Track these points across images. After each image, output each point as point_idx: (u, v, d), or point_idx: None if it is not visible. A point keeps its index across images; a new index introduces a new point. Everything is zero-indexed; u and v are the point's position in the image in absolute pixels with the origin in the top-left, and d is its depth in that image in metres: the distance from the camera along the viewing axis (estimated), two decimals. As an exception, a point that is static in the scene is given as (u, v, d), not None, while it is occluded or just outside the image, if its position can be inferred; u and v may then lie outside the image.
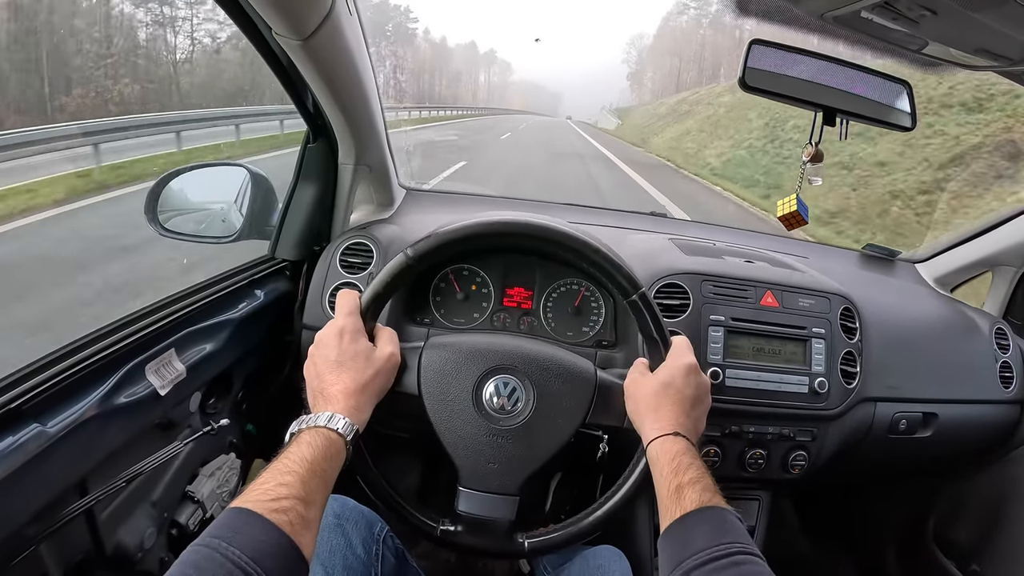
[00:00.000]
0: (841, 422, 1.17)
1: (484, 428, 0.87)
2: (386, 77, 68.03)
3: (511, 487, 0.88)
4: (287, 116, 10.14)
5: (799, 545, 1.79)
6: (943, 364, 1.30)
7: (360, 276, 1.20)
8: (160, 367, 0.94)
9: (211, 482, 1.13)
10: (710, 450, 1.14)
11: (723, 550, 0.66)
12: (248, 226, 1.26)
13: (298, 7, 0.82)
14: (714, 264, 1.20)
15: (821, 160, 1.04)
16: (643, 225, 1.58)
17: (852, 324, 1.19)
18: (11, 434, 0.72)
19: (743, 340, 1.13)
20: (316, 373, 0.82)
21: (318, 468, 0.68)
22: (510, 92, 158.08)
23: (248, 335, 1.16)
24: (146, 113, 11.93)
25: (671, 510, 0.74)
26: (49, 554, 0.80)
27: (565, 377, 0.90)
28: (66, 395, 0.80)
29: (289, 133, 10.20)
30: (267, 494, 0.62)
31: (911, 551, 1.57)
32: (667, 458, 0.78)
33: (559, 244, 0.90)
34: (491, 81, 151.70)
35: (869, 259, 1.64)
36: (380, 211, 1.42)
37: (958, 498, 1.49)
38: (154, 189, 1.20)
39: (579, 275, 1.21)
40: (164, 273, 3.94)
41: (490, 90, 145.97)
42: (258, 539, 0.58)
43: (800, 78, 0.95)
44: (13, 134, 5.97)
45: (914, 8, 0.68)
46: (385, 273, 0.87)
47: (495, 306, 1.21)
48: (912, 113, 0.99)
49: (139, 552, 0.96)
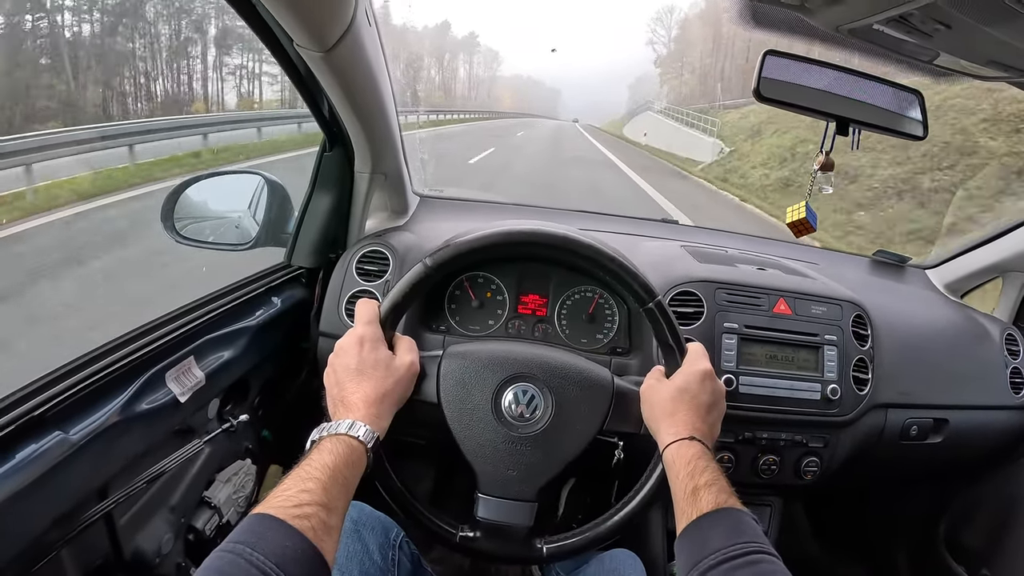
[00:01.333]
0: (853, 428, 1.17)
1: (503, 435, 0.88)
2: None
3: (530, 493, 0.88)
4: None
5: (811, 550, 1.79)
6: (954, 370, 1.30)
7: (376, 284, 1.21)
8: (180, 374, 0.96)
9: (227, 488, 1.14)
10: (723, 456, 1.14)
11: (739, 549, 0.67)
12: (264, 233, 1.28)
13: (321, 20, 0.83)
14: (727, 272, 1.21)
15: (832, 169, 1.04)
16: (655, 232, 1.59)
17: (864, 331, 1.19)
18: (34, 441, 0.73)
19: (756, 347, 1.13)
20: (336, 381, 0.83)
21: (340, 475, 0.69)
22: (499, 89, 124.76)
23: (265, 342, 1.17)
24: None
25: (687, 512, 0.75)
26: (70, 559, 0.81)
27: (583, 384, 0.91)
28: (88, 403, 0.81)
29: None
30: (289, 500, 0.63)
31: (922, 556, 1.57)
32: (683, 462, 0.79)
33: (575, 253, 0.91)
34: (474, 74, 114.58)
35: (880, 265, 1.65)
36: (395, 218, 1.43)
37: (969, 503, 1.49)
38: (170, 197, 1.21)
39: (593, 282, 1.22)
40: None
41: (473, 86, 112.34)
42: (281, 545, 0.59)
43: (814, 88, 0.96)
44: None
45: (928, 22, 0.69)
46: (404, 283, 0.88)
47: (510, 313, 1.22)
48: (924, 122, 1.00)
49: (157, 557, 0.96)
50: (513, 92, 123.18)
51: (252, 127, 11.63)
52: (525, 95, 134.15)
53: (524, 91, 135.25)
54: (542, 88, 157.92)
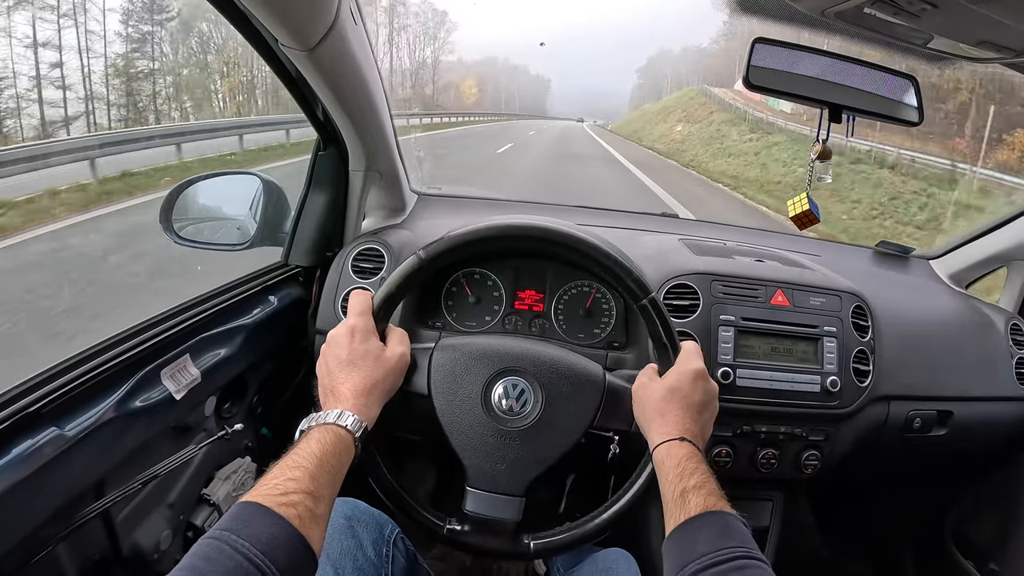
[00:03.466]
0: (854, 421, 1.16)
1: (492, 429, 0.88)
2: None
3: (518, 488, 0.88)
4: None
5: (815, 545, 1.77)
6: (958, 361, 1.29)
7: (372, 281, 1.22)
8: (175, 372, 0.96)
9: (226, 485, 1.15)
10: (722, 450, 1.13)
11: (726, 554, 0.66)
12: (261, 233, 1.28)
13: (303, 18, 0.83)
14: (724, 264, 1.20)
15: (829, 158, 1.03)
16: (653, 226, 1.58)
17: (864, 322, 1.18)
18: (30, 437, 0.74)
19: (754, 340, 1.12)
20: (327, 371, 0.83)
21: (327, 464, 0.69)
22: (462, 75, 73.89)
23: (262, 340, 1.17)
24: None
25: (675, 515, 0.74)
26: (66, 555, 0.82)
27: (573, 380, 0.91)
28: (83, 399, 0.82)
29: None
30: (276, 488, 0.63)
31: (928, 551, 1.55)
32: (672, 463, 0.78)
33: (570, 248, 0.91)
34: (416, 57, 60.27)
35: (882, 256, 1.63)
36: (392, 216, 1.44)
37: (975, 497, 1.47)
38: (168, 198, 1.22)
39: (590, 277, 1.21)
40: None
41: (418, 72, 59.52)
42: (267, 532, 0.59)
43: (805, 75, 0.95)
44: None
45: (914, 2, 0.69)
46: (397, 274, 0.88)
47: (506, 309, 1.22)
48: (919, 108, 0.99)
49: (155, 553, 0.97)
50: (483, 82, 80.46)
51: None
52: (501, 87, 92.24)
53: (498, 81, 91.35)
54: (525, 77, 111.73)
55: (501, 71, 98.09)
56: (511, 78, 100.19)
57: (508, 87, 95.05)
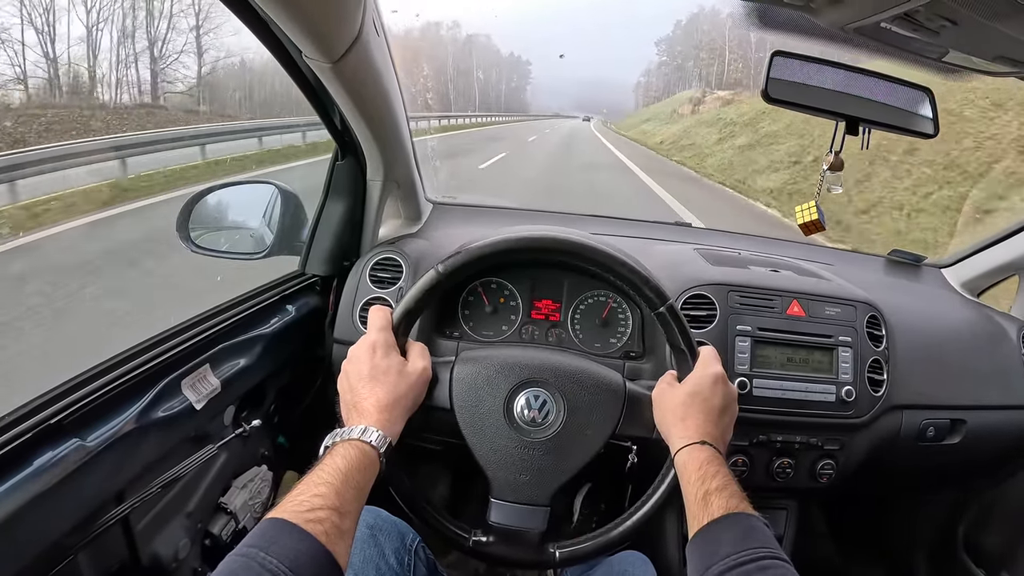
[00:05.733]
0: (869, 430, 1.16)
1: (515, 440, 0.88)
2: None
3: (542, 498, 0.89)
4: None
5: (829, 552, 1.77)
6: (971, 370, 1.29)
7: (390, 291, 1.22)
8: (195, 382, 0.97)
9: (243, 494, 1.15)
10: (738, 459, 1.14)
11: (749, 555, 0.67)
12: (278, 242, 1.29)
13: (328, 31, 0.84)
14: (740, 274, 1.20)
15: (841, 168, 1.04)
16: (667, 235, 1.58)
17: (879, 332, 1.18)
18: (52, 448, 0.74)
19: (770, 350, 1.13)
20: (349, 387, 0.84)
21: (352, 479, 0.69)
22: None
23: (280, 350, 1.18)
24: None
25: (698, 517, 0.75)
26: (87, 563, 0.82)
27: (595, 389, 0.91)
28: (105, 410, 0.82)
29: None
30: (302, 505, 0.64)
31: (941, 559, 1.55)
32: (694, 466, 0.79)
33: (587, 258, 0.91)
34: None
35: (895, 265, 1.63)
36: (408, 225, 1.44)
37: (988, 505, 1.47)
38: (185, 207, 1.22)
39: (606, 287, 1.22)
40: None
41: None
42: (294, 548, 0.59)
43: (822, 88, 0.96)
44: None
45: (934, 19, 0.69)
46: (416, 289, 0.89)
47: (523, 319, 1.22)
48: (935, 119, 0.99)
49: (174, 562, 0.97)
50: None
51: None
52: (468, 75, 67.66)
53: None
54: (504, 63, 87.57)
55: (481, 50, 75.02)
56: (493, 62, 74.85)
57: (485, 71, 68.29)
